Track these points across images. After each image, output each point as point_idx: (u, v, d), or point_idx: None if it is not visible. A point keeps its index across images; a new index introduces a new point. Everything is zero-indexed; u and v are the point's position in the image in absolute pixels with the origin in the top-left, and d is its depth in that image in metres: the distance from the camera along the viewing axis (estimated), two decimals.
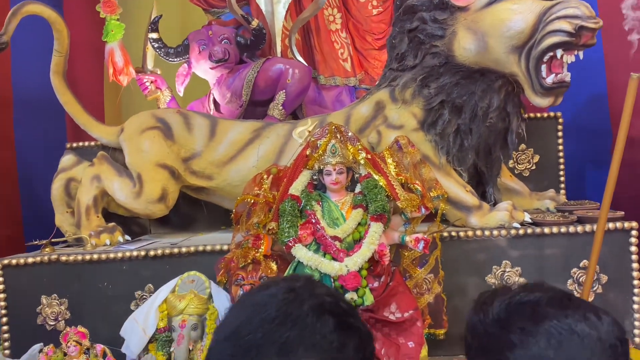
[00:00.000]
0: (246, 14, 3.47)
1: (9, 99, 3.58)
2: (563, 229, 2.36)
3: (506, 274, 2.37)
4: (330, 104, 3.67)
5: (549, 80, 2.24)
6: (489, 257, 2.38)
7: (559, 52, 2.18)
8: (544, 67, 2.24)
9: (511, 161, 3.07)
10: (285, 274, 1.95)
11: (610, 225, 2.29)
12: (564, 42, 2.13)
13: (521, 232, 2.37)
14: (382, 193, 1.98)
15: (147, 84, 3.55)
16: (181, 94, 3.62)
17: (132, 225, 3.04)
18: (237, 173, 2.70)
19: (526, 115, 2.81)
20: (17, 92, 3.60)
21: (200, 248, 2.43)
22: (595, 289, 2.35)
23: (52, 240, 2.71)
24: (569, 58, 2.20)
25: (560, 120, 3.09)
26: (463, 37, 2.34)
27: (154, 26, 3.42)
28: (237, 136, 2.80)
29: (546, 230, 2.36)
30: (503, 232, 2.36)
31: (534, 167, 3.12)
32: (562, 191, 3.09)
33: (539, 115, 3.11)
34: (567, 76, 2.26)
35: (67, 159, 2.90)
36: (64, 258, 2.45)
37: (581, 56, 2.23)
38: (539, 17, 2.18)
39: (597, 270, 2.30)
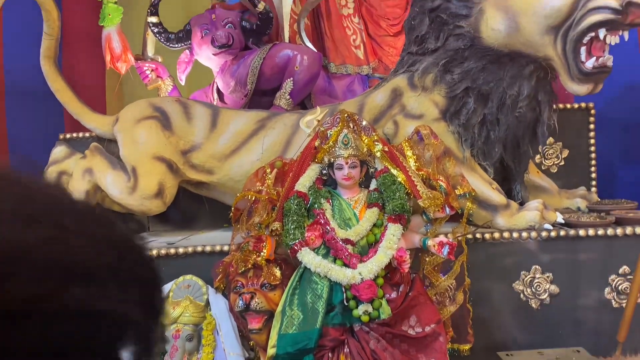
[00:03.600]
0: None
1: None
2: (600, 231, 2.12)
3: (536, 281, 2.14)
4: (341, 93, 3.45)
5: (589, 64, 1.99)
6: (517, 261, 2.15)
7: (602, 33, 1.93)
8: (583, 50, 1.99)
9: (538, 156, 2.83)
10: (291, 280, 1.73)
11: None
12: (608, 20, 1.89)
13: (553, 234, 2.13)
14: (401, 190, 1.75)
15: (148, 72, 3.35)
16: (183, 83, 3.42)
17: (130, 222, 2.83)
18: (240, 167, 2.48)
19: (556, 106, 2.56)
20: (9, 80, 3.40)
21: (199, 248, 2.22)
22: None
23: None
24: (613, 39, 1.95)
25: (592, 112, 2.84)
26: (492, 17, 2.09)
27: (153, 9, 3.21)
28: (240, 127, 2.58)
29: (581, 232, 2.13)
30: (533, 234, 2.12)
31: (562, 163, 2.88)
32: (594, 189, 2.85)
33: (568, 106, 2.87)
34: (609, 60, 2.01)
35: (58, 151, 2.70)
36: None
37: (626, 37, 1.98)
38: None
39: None
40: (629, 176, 3.08)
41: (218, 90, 3.30)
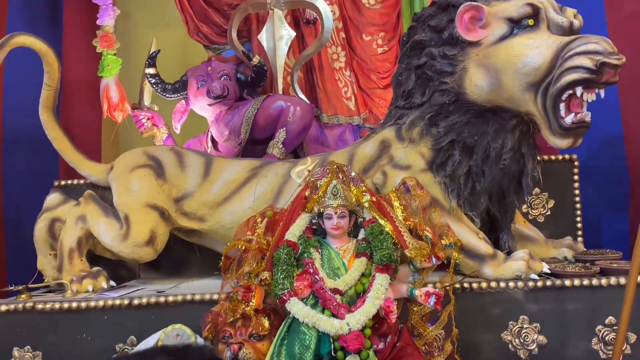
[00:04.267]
0: (247, 50, 3.38)
1: None
2: (586, 282, 2.15)
3: (524, 331, 2.15)
4: (332, 143, 3.54)
5: (568, 119, 2.08)
6: (504, 311, 2.16)
7: (579, 90, 2.02)
8: (562, 106, 2.08)
9: (525, 206, 2.89)
10: (279, 330, 1.74)
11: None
12: (584, 79, 1.99)
13: (540, 284, 2.16)
14: (388, 240, 1.78)
15: (144, 120, 3.44)
16: (178, 132, 3.50)
17: (121, 269, 2.83)
18: (232, 215, 2.51)
19: (540, 158, 2.65)
20: (7, 127, 3.47)
21: (189, 297, 2.22)
22: (623, 349, 2.12)
23: (32, 285, 2.50)
24: (590, 97, 2.05)
25: (576, 163, 2.93)
26: (474, 74, 2.20)
27: (151, 61, 3.32)
28: (233, 175, 2.64)
29: (567, 282, 2.15)
30: (520, 284, 2.15)
31: (549, 213, 2.94)
32: (580, 239, 2.90)
33: (553, 157, 2.95)
34: (587, 116, 2.10)
35: (52, 198, 2.73)
36: (39, 306, 2.24)
37: (602, 95, 2.08)
38: (557, 52, 2.04)
39: None
40: (614, 226, 3.14)
41: (212, 139, 3.38)
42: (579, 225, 2.92)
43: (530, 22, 2.11)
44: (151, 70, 3.32)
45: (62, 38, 4.04)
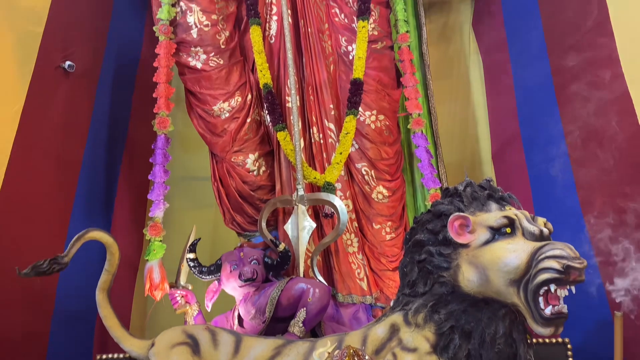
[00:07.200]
0: (274, 237, 3.92)
1: (48, 312, 3.85)
2: None
3: None
4: (347, 321, 3.89)
5: (547, 311, 2.46)
6: None
7: (552, 287, 2.44)
8: (541, 299, 2.47)
9: None
10: None
11: None
12: (555, 278, 2.41)
13: None
14: None
15: (178, 298, 3.85)
16: (209, 310, 3.88)
17: None
18: None
19: (535, 341, 2.95)
20: (59, 302, 3.89)
21: None
22: None
23: None
24: (563, 292, 2.45)
25: (569, 346, 3.21)
26: (467, 270, 2.65)
27: (192, 248, 3.85)
28: (259, 353, 2.96)
29: None
30: None
31: None
32: None
33: (547, 340, 3.25)
34: (563, 308, 2.48)
35: None
36: None
37: (573, 290, 2.48)
38: (531, 255, 2.50)
39: None
40: None
41: (239, 316, 3.75)
42: None
43: (508, 230, 2.61)
44: (191, 255, 3.83)
45: (111, 224, 4.69)
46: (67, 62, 4.17)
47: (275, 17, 4.55)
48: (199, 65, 4.28)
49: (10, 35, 3.76)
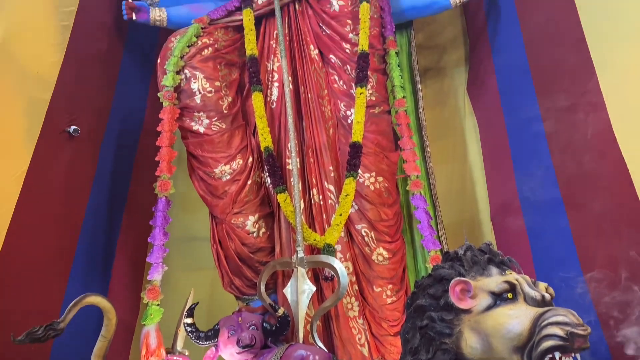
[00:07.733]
0: (273, 302, 3.87)
1: None
2: None
3: None
4: None
5: None
6: None
7: (557, 354, 2.39)
8: None
9: None
10: None
11: None
12: (558, 345, 2.37)
13: None
14: None
15: None
16: None
17: None
18: None
19: None
20: None
21: None
22: None
23: None
24: (567, 359, 2.41)
25: None
26: (469, 337, 2.60)
27: (190, 312, 3.79)
28: None
29: None
30: None
31: None
32: None
33: None
34: None
35: None
36: None
37: (579, 358, 2.44)
38: (534, 321, 2.47)
39: None
40: None
41: None
42: None
43: (510, 295, 2.60)
44: (189, 320, 3.76)
45: (108, 285, 4.65)
46: (72, 127, 4.28)
47: (276, 84, 4.71)
48: (201, 130, 4.38)
49: (19, 101, 3.88)
